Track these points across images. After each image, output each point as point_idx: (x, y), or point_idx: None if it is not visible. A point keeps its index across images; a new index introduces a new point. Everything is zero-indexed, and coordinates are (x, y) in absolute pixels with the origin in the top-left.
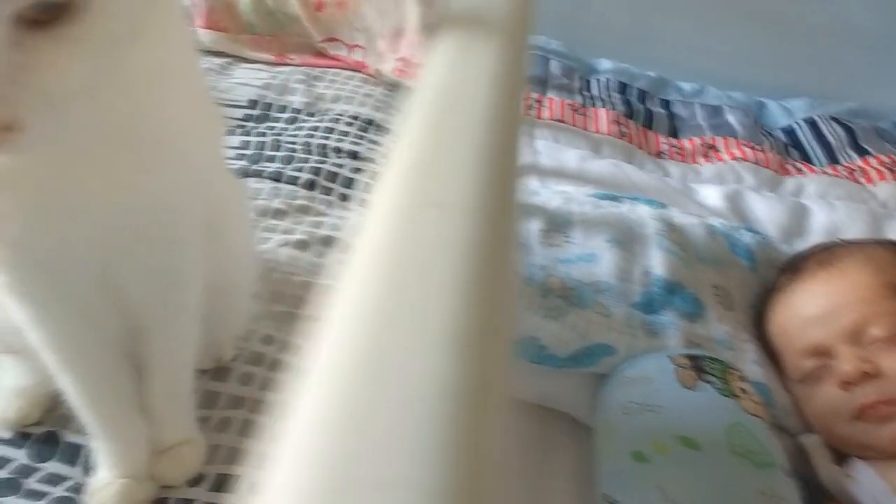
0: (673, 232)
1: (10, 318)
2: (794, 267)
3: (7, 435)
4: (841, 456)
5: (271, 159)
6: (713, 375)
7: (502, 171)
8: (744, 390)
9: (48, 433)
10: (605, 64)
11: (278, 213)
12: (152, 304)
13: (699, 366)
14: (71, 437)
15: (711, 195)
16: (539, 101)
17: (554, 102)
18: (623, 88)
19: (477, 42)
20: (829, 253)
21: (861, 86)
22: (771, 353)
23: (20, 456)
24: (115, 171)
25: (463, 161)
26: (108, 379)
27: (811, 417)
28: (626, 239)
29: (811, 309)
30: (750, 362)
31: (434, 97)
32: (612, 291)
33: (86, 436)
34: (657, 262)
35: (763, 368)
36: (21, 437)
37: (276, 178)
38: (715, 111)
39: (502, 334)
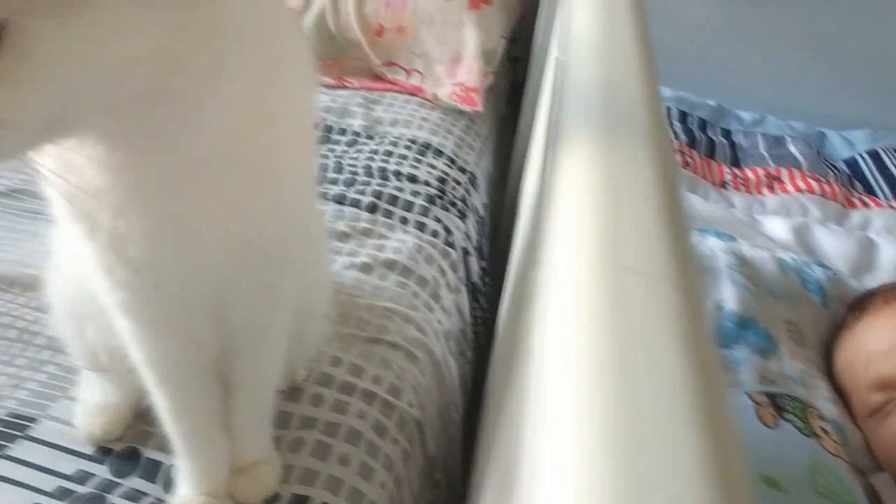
0: (744, 266)
1: (102, 337)
2: (860, 304)
3: (90, 450)
4: None
5: (334, 182)
6: (792, 414)
7: (683, 235)
8: (823, 430)
9: (129, 449)
10: (665, 92)
11: (342, 236)
12: (249, 324)
13: (778, 404)
14: (151, 454)
15: (778, 227)
16: None
17: None
18: (684, 118)
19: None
20: (887, 290)
21: None
22: (839, 391)
23: (102, 471)
24: (234, 198)
25: (648, 226)
26: (200, 397)
27: (880, 453)
28: None
29: (877, 344)
30: (823, 399)
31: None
32: None
33: (166, 453)
34: (729, 297)
35: (836, 406)
36: (103, 453)
37: (340, 200)
38: (777, 141)
39: (725, 404)
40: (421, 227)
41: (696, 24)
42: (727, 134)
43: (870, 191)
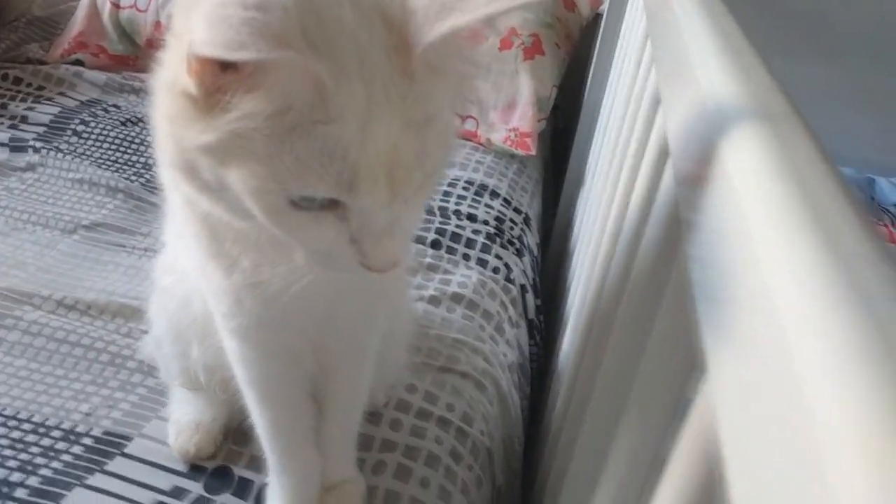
0: None
1: (205, 357)
2: None
3: (184, 468)
4: None
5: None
6: None
7: None
8: None
9: (221, 467)
10: None
11: (411, 270)
12: (347, 345)
13: None
14: (242, 472)
15: None
16: None
17: None
18: None
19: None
20: None
21: None
22: None
23: (197, 488)
24: None
25: None
26: (298, 416)
27: None
28: None
29: None
30: None
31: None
32: None
33: (256, 472)
34: None
35: None
36: (196, 471)
37: None
38: None
39: None
40: (483, 263)
41: None
42: None
43: None
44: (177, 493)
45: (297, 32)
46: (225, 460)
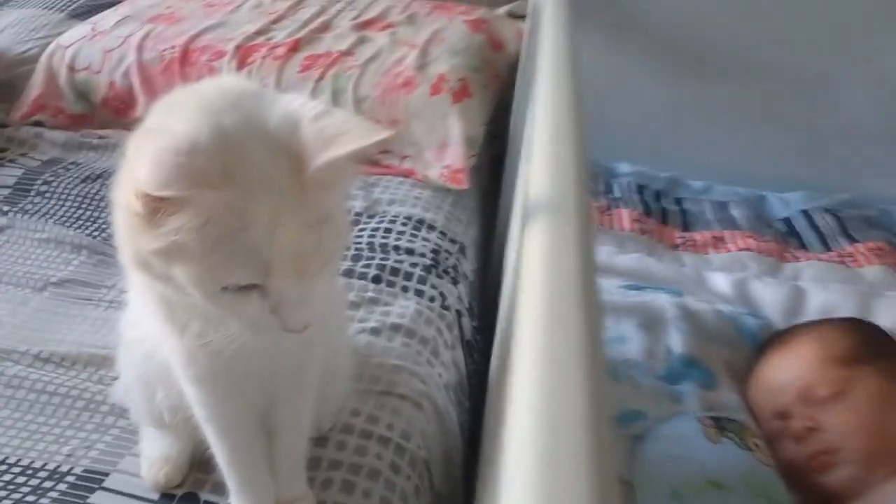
0: (689, 317)
1: (168, 399)
2: (764, 346)
3: (156, 496)
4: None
5: (343, 258)
6: (731, 432)
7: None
8: (756, 444)
9: (189, 493)
10: (624, 167)
11: (353, 305)
12: (289, 387)
13: (720, 425)
14: (207, 496)
15: (721, 282)
16: None
17: None
18: (641, 190)
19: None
20: (787, 334)
21: (853, 176)
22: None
23: None
24: None
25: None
26: (251, 445)
27: (786, 470)
28: (650, 323)
29: (772, 381)
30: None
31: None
32: (641, 367)
33: (219, 495)
34: (676, 342)
35: None
36: (167, 498)
37: (349, 274)
38: (722, 206)
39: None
40: (420, 293)
41: (653, 103)
42: (679, 202)
43: (802, 245)
44: None
45: (216, 170)
46: (192, 487)
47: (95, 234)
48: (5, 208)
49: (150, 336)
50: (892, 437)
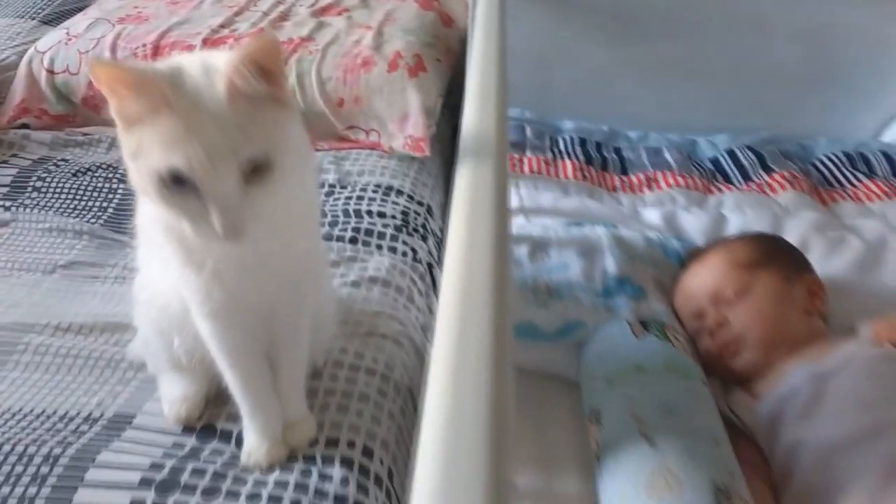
0: (621, 244)
1: (184, 344)
2: (683, 262)
3: (179, 429)
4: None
5: (322, 224)
6: (654, 329)
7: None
8: (676, 337)
9: (207, 425)
10: (567, 125)
11: (334, 264)
12: (287, 323)
13: (645, 325)
14: (223, 426)
15: (652, 216)
16: (521, 160)
17: (532, 160)
18: (583, 142)
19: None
20: (703, 250)
21: (775, 117)
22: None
23: (191, 442)
24: (284, 244)
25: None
26: (259, 373)
27: (705, 360)
28: (588, 251)
29: (690, 288)
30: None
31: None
32: (581, 287)
33: (234, 423)
34: (611, 265)
35: None
36: (188, 430)
37: (328, 238)
38: (656, 152)
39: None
40: (393, 250)
41: (592, 65)
42: (618, 151)
43: (727, 180)
44: (177, 446)
45: (162, 77)
46: (209, 420)
47: (93, 220)
48: (7, 204)
49: (164, 292)
50: (786, 326)
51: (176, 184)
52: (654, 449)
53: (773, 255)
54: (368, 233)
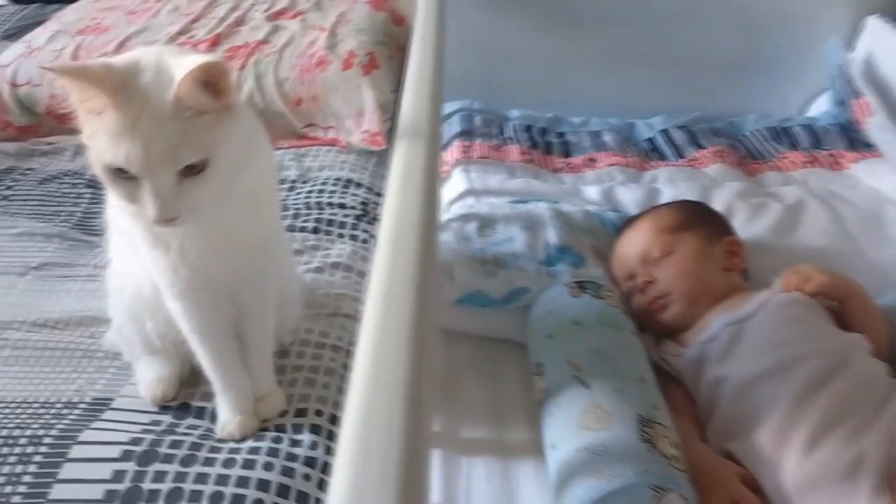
0: (561, 217)
1: (157, 327)
2: (617, 229)
3: (155, 409)
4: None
5: (284, 217)
6: (590, 290)
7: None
8: (609, 295)
9: (182, 404)
10: (514, 113)
11: (298, 252)
12: (252, 300)
13: (582, 286)
14: (198, 403)
15: (592, 192)
16: (470, 147)
17: (480, 146)
18: (528, 129)
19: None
20: (634, 217)
21: (709, 98)
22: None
23: (167, 419)
24: (241, 225)
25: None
26: (228, 350)
27: (638, 317)
28: (532, 225)
29: (623, 252)
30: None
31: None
32: (525, 257)
33: (207, 401)
34: (552, 236)
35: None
36: (164, 409)
37: (291, 229)
38: (596, 135)
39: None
40: (354, 237)
41: (536, 57)
42: (561, 135)
43: (662, 157)
44: (155, 423)
45: (116, 77)
46: (184, 399)
47: (62, 224)
48: None
49: (135, 278)
50: (707, 281)
51: (120, 171)
52: (588, 390)
53: (695, 218)
54: (330, 223)
